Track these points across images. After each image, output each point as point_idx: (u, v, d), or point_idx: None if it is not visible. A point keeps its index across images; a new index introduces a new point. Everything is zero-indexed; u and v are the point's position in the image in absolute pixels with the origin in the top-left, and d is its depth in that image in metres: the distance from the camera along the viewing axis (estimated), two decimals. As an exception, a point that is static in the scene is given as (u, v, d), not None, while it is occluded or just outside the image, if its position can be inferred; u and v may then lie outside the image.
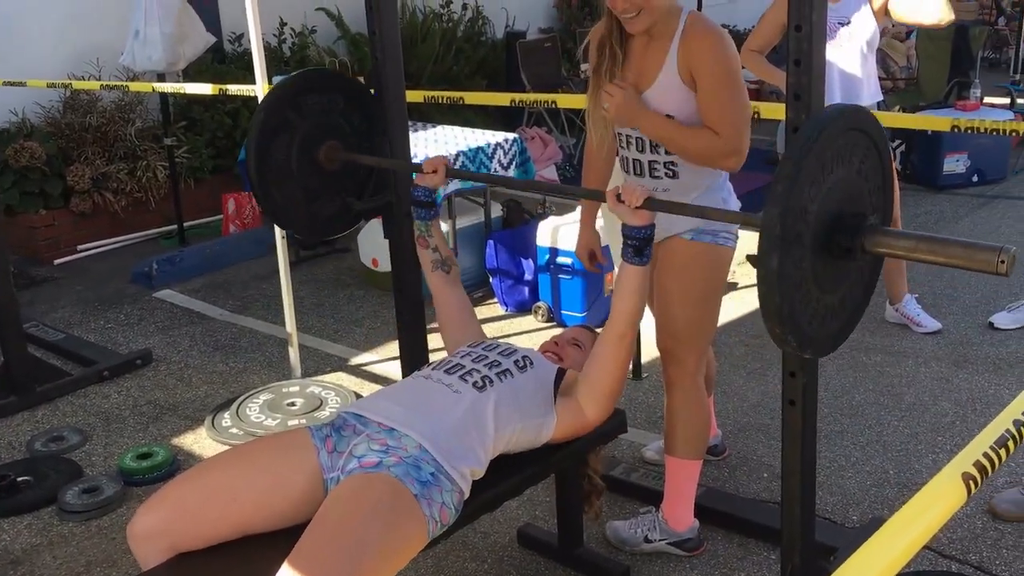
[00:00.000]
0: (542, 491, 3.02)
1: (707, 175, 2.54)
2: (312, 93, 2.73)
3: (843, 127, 1.73)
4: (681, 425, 2.67)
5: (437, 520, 1.99)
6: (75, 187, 5.61)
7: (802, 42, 1.80)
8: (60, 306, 4.97)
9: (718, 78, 2.37)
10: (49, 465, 3.36)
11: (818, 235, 1.71)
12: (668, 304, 2.63)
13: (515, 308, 4.64)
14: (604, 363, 2.31)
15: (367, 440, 2.05)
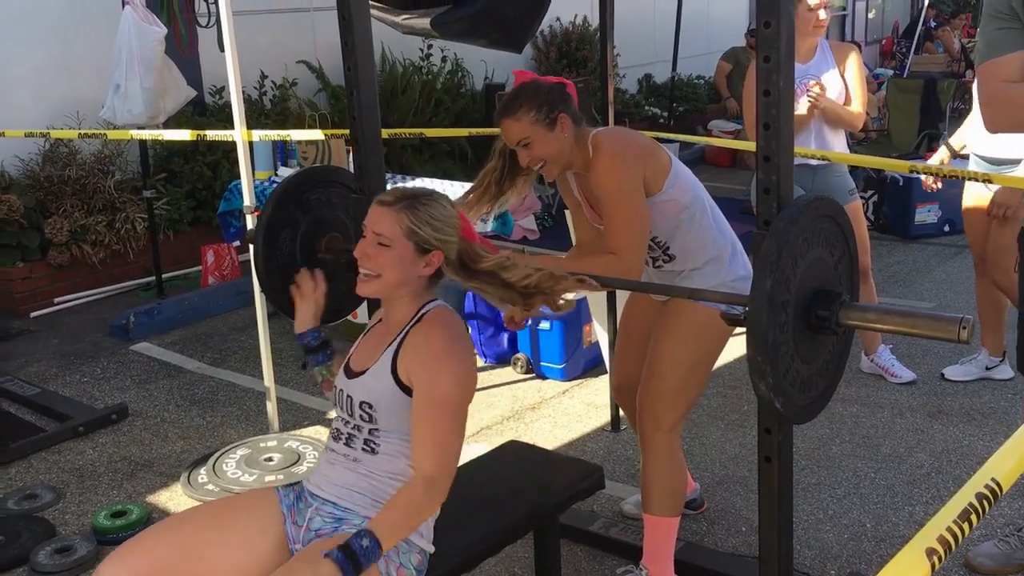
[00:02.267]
0: (520, 547, 3.00)
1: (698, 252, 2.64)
2: (313, 189, 2.79)
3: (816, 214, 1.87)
4: (658, 483, 2.68)
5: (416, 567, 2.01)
6: (53, 239, 5.60)
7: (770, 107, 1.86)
8: (36, 360, 4.93)
9: (610, 197, 2.47)
10: (21, 524, 3.31)
11: (799, 306, 1.84)
12: (660, 363, 2.65)
13: (494, 359, 4.65)
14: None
15: (319, 514, 2.07)
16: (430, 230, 2.05)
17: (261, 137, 4.38)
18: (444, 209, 2.08)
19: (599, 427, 3.93)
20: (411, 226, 2.04)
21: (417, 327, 2.06)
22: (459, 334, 2.08)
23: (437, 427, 1.97)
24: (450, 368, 1.99)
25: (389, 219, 2.04)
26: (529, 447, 2.84)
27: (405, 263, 2.05)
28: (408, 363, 2.02)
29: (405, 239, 2.04)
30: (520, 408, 4.18)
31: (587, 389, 4.32)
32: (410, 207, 2.04)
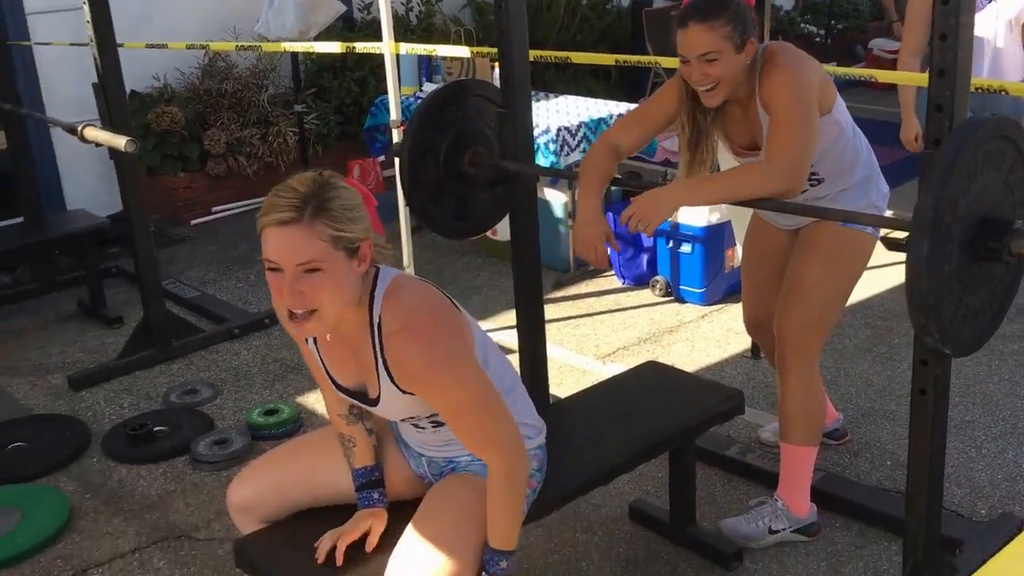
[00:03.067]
0: (654, 467, 3.01)
1: (847, 174, 2.52)
2: (458, 103, 2.78)
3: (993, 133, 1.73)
4: (798, 411, 2.62)
5: (528, 494, 2.03)
6: (211, 151, 5.85)
7: (948, 17, 1.74)
8: (195, 265, 5.20)
9: (785, 110, 2.28)
10: (183, 417, 3.55)
11: (966, 232, 1.73)
12: (801, 290, 2.57)
13: (632, 281, 4.61)
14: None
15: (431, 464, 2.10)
16: (353, 225, 1.70)
17: (408, 50, 4.41)
18: (349, 191, 1.73)
19: (738, 353, 3.86)
20: (335, 232, 1.67)
21: (387, 343, 1.79)
22: (427, 329, 1.78)
23: (475, 427, 1.84)
24: (445, 375, 1.78)
25: (307, 238, 1.64)
26: (668, 368, 2.82)
27: (343, 277, 1.70)
28: (406, 383, 1.82)
29: (334, 250, 1.67)
30: (657, 331, 4.14)
31: (727, 315, 4.24)
32: (321, 210, 1.65)
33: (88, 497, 3.10)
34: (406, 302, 1.82)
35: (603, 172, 2.54)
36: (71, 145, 5.44)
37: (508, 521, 1.89)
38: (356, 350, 1.87)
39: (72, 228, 4.59)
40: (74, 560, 2.79)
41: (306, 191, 1.67)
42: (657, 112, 2.57)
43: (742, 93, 2.40)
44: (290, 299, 1.68)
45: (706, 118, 2.50)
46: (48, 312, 4.65)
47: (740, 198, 2.31)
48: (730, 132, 2.54)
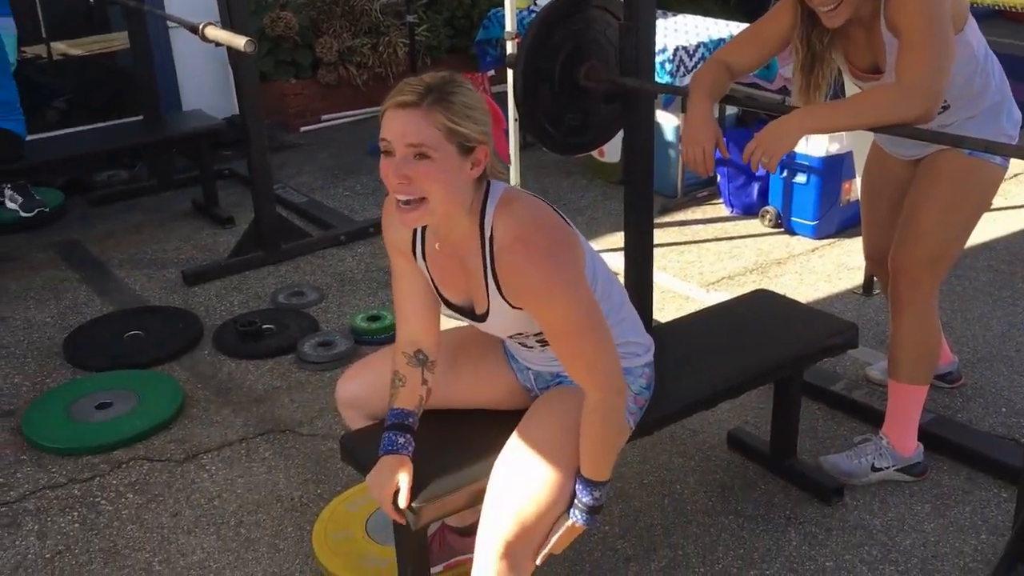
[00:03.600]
0: (754, 397, 2.96)
1: (976, 100, 2.37)
2: (577, 15, 2.70)
3: None
4: (911, 348, 2.52)
5: (635, 411, 2.02)
6: (323, 59, 5.88)
7: None
8: (304, 171, 5.28)
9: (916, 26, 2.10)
10: (290, 317, 3.64)
11: None
12: (921, 220, 2.45)
13: (741, 210, 4.49)
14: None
15: (539, 377, 2.08)
16: (471, 123, 1.68)
17: (526, -38, 4.30)
18: (474, 94, 1.72)
19: (849, 289, 3.74)
20: (450, 124, 1.65)
21: (499, 255, 1.76)
22: (542, 239, 1.74)
23: (578, 352, 1.80)
24: (559, 296, 1.74)
25: (422, 123, 1.63)
26: (779, 296, 2.74)
27: (452, 173, 1.68)
28: (516, 298, 1.79)
29: (447, 142, 1.66)
30: (764, 262, 4.04)
31: (839, 249, 4.10)
32: (441, 100, 1.65)
33: (199, 387, 3.23)
34: (519, 215, 1.78)
35: (715, 82, 2.46)
36: (189, 47, 5.56)
37: (599, 451, 1.86)
38: (465, 262, 1.84)
39: (189, 127, 4.70)
40: (186, 444, 2.92)
41: (432, 82, 1.68)
42: (771, 32, 2.45)
43: (865, 12, 2.26)
44: (395, 180, 1.67)
45: (823, 41, 2.36)
46: (164, 210, 4.80)
47: (868, 124, 2.20)
48: (850, 54, 2.40)
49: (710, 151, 2.34)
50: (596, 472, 1.87)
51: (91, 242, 4.42)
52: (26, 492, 2.71)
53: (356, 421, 2.16)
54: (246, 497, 2.67)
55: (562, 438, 1.88)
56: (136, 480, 2.75)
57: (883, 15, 2.24)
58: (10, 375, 3.32)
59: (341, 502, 2.57)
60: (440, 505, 1.91)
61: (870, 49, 2.35)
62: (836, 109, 2.25)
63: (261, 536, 2.51)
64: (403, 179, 1.66)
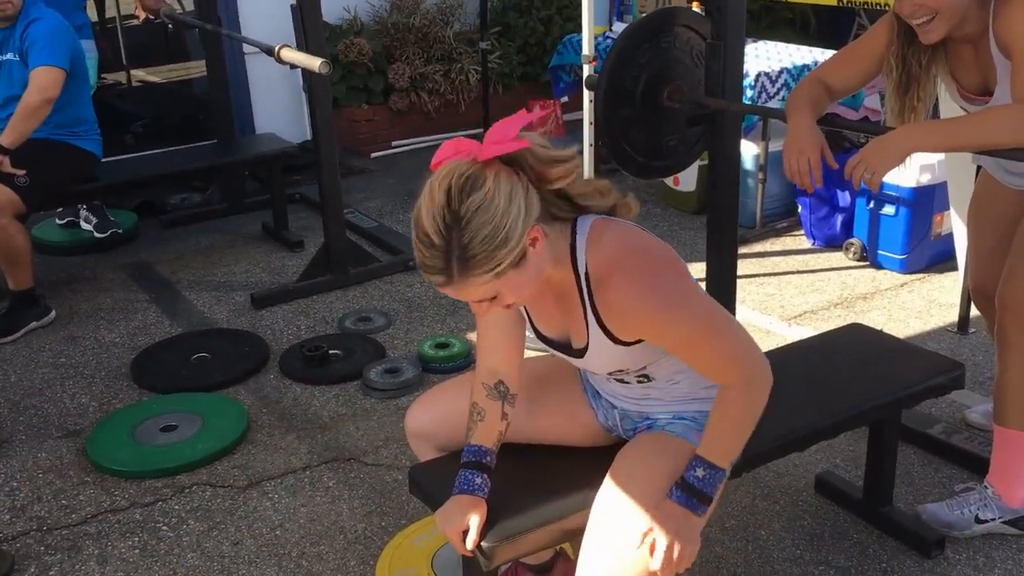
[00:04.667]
0: (844, 440, 2.78)
1: None
2: (662, 33, 2.61)
3: None
4: (1017, 391, 2.33)
5: None
6: (395, 85, 5.86)
7: None
8: (374, 196, 5.25)
9: None
10: (357, 343, 3.56)
11: None
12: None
13: (823, 243, 4.32)
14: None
15: (626, 417, 1.94)
16: (505, 248, 1.50)
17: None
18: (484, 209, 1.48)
19: (942, 326, 3.54)
20: (491, 273, 1.51)
21: (598, 289, 1.65)
22: (645, 270, 1.63)
23: (709, 356, 1.69)
24: (673, 316, 1.63)
25: (470, 291, 1.54)
26: (875, 332, 2.58)
27: (524, 280, 1.57)
28: (625, 332, 1.68)
29: (500, 280, 1.53)
30: (849, 296, 3.86)
31: (930, 285, 3.90)
32: (465, 266, 1.49)
33: (264, 411, 3.16)
34: (611, 245, 1.65)
35: (814, 97, 2.34)
36: (265, 73, 5.61)
37: (727, 435, 1.72)
38: (561, 299, 1.74)
39: (261, 150, 4.69)
40: (249, 470, 2.85)
41: (442, 244, 1.49)
42: (869, 50, 2.32)
43: (971, 29, 2.11)
44: (482, 315, 1.70)
45: (920, 60, 2.22)
46: (234, 232, 4.79)
47: (983, 146, 2.05)
48: (957, 73, 2.25)
49: (816, 161, 2.21)
50: (714, 453, 1.71)
51: (162, 263, 4.43)
52: (88, 515, 2.66)
53: (425, 452, 2.05)
54: (309, 528, 2.58)
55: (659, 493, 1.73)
56: (198, 506, 2.68)
57: (992, 33, 2.10)
58: (77, 395, 3.30)
59: (406, 536, 2.46)
60: (515, 545, 1.79)
61: (979, 69, 2.20)
62: (948, 126, 2.10)
63: (323, 570, 2.42)
64: (487, 311, 1.63)
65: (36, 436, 3.05)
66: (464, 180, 1.50)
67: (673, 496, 1.71)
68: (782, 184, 4.49)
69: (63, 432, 3.07)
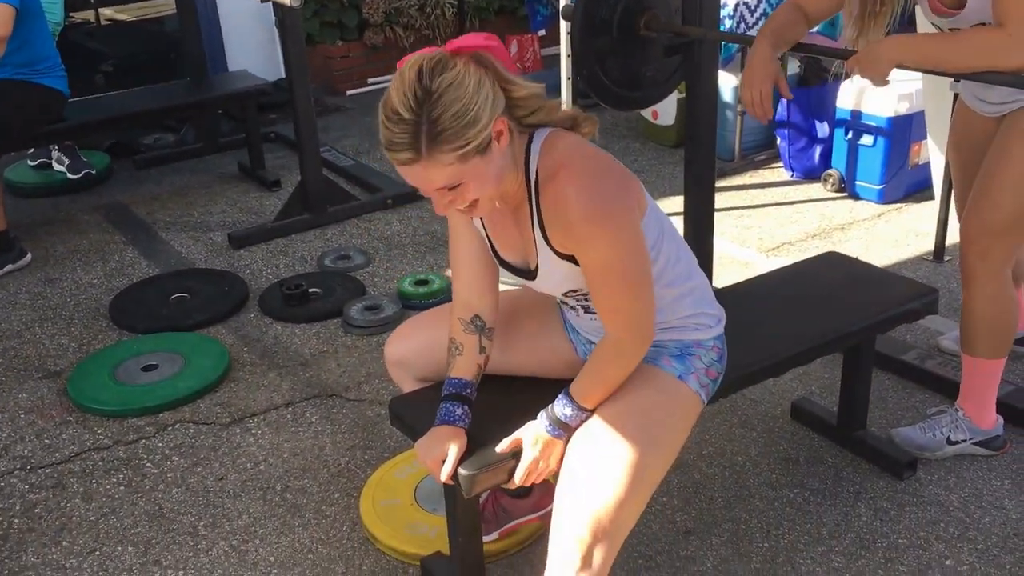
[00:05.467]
0: (819, 367, 2.82)
1: None
2: None
3: None
4: (983, 322, 2.36)
5: (707, 383, 1.87)
6: (369, 20, 5.77)
7: None
8: (350, 134, 5.20)
9: None
10: (336, 281, 3.56)
11: None
12: (994, 185, 2.24)
13: (802, 174, 4.32)
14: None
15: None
16: (473, 128, 1.52)
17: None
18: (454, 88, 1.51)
19: (919, 255, 3.57)
20: (457, 151, 1.52)
21: (543, 191, 1.66)
22: (587, 172, 1.63)
23: (610, 295, 1.69)
24: (599, 230, 1.61)
25: (434, 171, 1.54)
26: (850, 259, 2.59)
27: (486, 172, 1.58)
28: (558, 239, 1.68)
29: (465, 163, 1.54)
30: (827, 227, 3.88)
31: (907, 215, 3.92)
32: (434, 138, 1.50)
33: (245, 350, 3.17)
34: (565, 150, 1.66)
35: (785, 23, 2.33)
36: (235, 8, 5.50)
37: (596, 383, 1.77)
38: (516, 213, 1.75)
39: (234, 88, 4.63)
40: (232, 408, 2.86)
41: (412, 118, 1.50)
42: None
43: None
44: (442, 210, 1.64)
45: None
46: (210, 172, 4.75)
47: (964, 68, 2.04)
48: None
49: (767, 92, 2.23)
50: (582, 395, 1.77)
51: (137, 205, 4.39)
52: (71, 454, 2.67)
53: (405, 381, 2.07)
54: (292, 462, 2.60)
55: (641, 425, 1.75)
56: (182, 443, 2.70)
57: None
58: (56, 336, 3.29)
59: (389, 469, 2.49)
60: (494, 473, 1.81)
61: None
62: (934, 42, 2.08)
63: (307, 502, 2.45)
64: (447, 206, 1.63)
65: (16, 378, 3.05)
66: (435, 63, 1.54)
67: (543, 421, 1.78)
68: (761, 116, 4.48)
69: (43, 373, 3.07)
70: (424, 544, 2.22)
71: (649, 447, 1.73)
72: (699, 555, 2.22)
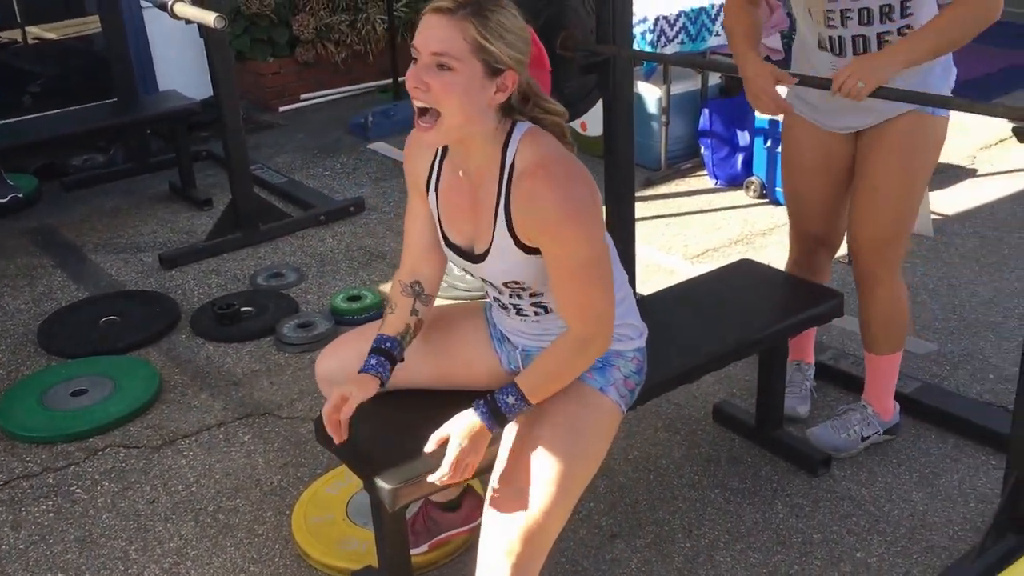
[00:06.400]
0: (740, 369, 2.92)
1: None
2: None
3: None
4: (885, 322, 2.49)
5: (626, 394, 1.94)
6: (300, 36, 5.79)
7: None
8: (283, 151, 5.21)
9: None
10: (269, 299, 3.58)
11: None
12: (880, 195, 2.35)
13: (725, 182, 4.44)
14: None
15: (525, 355, 2.00)
16: (503, 44, 1.64)
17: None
18: (516, 19, 1.68)
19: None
20: (479, 39, 1.62)
21: (517, 184, 1.71)
22: (567, 173, 1.70)
23: (577, 291, 1.75)
24: (573, 230, 1.68)
25: (451, 31, 1.62)
26: (762, 266, 2.70)
27: (472, 90, 1.64)
28: (526, 230, 1.72)
29: (473, 57, 1.63)
30: (749, 233, 4.00)
31: (825, 219, 4.05)
32: (477, 14, 1.63)
33: (177, 371, 3.17)
34: (545, 146, 1.73)
35: (750, 22, 2.39)
36: (163, 29, 5.47)
37: (546, 378, 1.80)
38: (477, 197, 1.79)
39: (164, 108, 4.62)
40: (163, 430, 2.87)
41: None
42: None
43: None
44: (412, 82, 1.65)
45: None
46: (141, 193, 4.72)
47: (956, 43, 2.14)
48: None
49: (773, 93, 2.30)
50: (530, 388, 1.79)
51: (66, 227, 4.35)
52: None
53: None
54: (224, 482, 2.62)
55: (565, 437, 1.80)
56: (112, 467, 2.70)
57: None
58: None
59: (321, 485, 2.52)
60: (420, 486, 1.86)
61: None
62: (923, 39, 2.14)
63: (240, 521, 2.47)
64: (421, 84, 1.64)
65: (-58, 407, 3.02)
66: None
67: (479, 410, 1.78)
68: (686, 126, 4.60)
69: (-30, 402, 3.04)
70: (356, 559, 2.25)
71: (573, 458, 1.79)
72: (624, 557, 2.29)
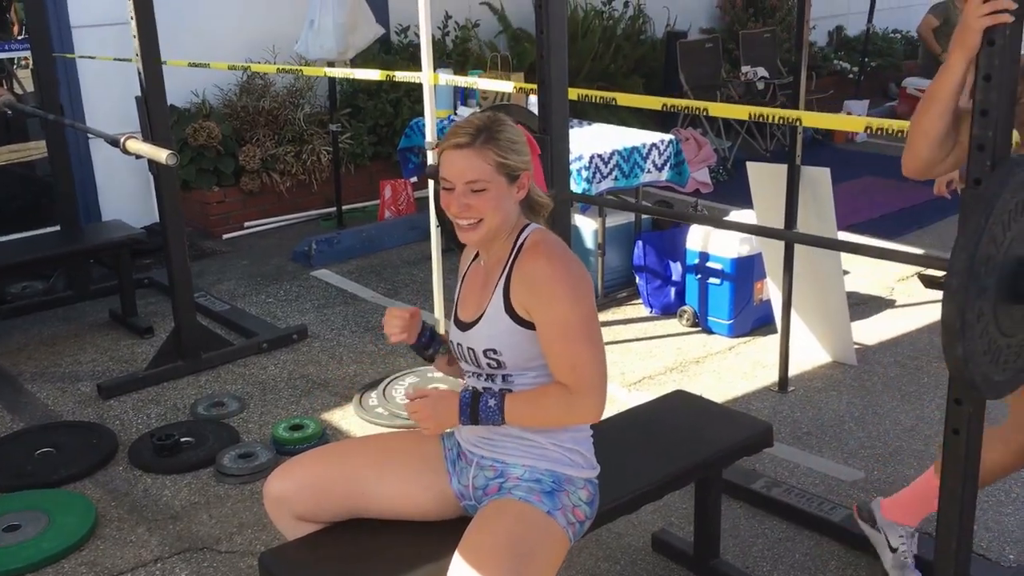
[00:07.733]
0: (678, 498, 2.99)
1: None
2: None
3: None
4: None
5: (574, 522, 2.01)
6: (246, 167, 5.92)
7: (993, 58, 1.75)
8: (226, 278, 5.26)
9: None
10: (209, 429, 3.57)
11: (1005, 273, 1.77)
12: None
13: (660, 310, 4.61)
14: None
15: (481, 471, 2.07)
16: (515, 156, 1.97)
17: (447, 82, 4.44)
18: (515, 129, 2.01)
19: (765, 386, 3.84)
20: (499, 159, 1.94)
21: (520, 259, 1.98)
22: (562, 253, 1.99)
23: (569, 354, 1.92)
24: (563, 291, 1.91)
25: (475, 160, 1.93)
26: (696, 397, 2.81)
27: (503, 199, 1.97)
28: (521, 297, 1.95)
29: (497, 174, 1.95)
30: (683, 361, 4.13)
31: (754, 347, 4.22)
32: (491, 140, 1.94)
33: (113, 505, 3.13)
34: (552, 240, 2.02)
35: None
36: (109, 158, 5.56)
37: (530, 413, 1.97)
38: (488, 279, 2.04)
39: (107, 237, 4.66)
40: (98, 567, 2.81)
41: (480, 124, 1.96)
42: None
43: None
44: (456, 209, 1.96)
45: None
46: (80, 320, 4.71)
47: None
48: None
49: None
50: (511, 408, 1.96)
51: (2, 356, 4.30)
52: (-77, 625, 2.57)
53: (282, 519, 2.13)
54: (161, 621, 2.57)
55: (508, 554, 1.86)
56: (43, 607, 2.64)
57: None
58: (-90, 499, 3.18)
59: (261, 622, 2.49)
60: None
61: None
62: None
63: (176, 662, 2.42)
64: (464, 208, 1.95)
65: None
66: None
67: (463, 392, 1.99)
68: (621, 257, 4.78)
69: None
70: None
71: None
72: None
